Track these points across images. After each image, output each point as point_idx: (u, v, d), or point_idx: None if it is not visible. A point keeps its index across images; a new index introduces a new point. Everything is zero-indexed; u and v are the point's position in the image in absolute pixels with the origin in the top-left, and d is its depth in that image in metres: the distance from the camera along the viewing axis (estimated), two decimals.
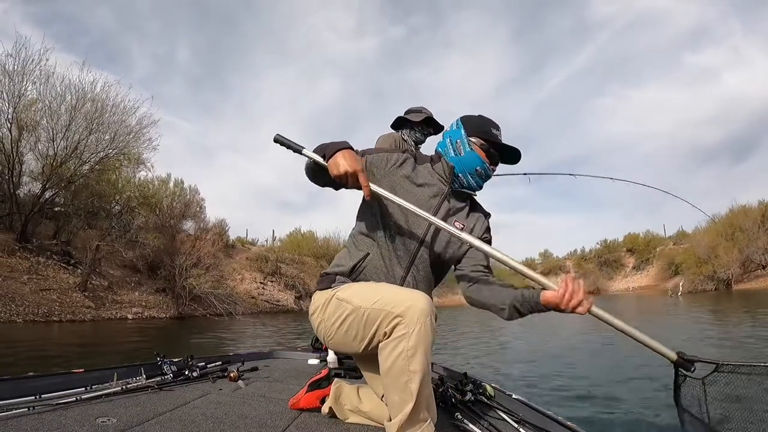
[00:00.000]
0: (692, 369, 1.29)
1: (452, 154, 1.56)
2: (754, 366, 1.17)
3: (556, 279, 1.28)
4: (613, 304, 18.66)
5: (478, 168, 1.53)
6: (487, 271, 1.54)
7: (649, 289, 32.59)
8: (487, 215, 1.67)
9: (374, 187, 1.35)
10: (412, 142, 2.85)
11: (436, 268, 1.57)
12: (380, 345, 1.26)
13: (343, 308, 1.37)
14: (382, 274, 1.48)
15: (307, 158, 1.42)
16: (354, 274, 1.50)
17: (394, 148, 1.62)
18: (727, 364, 1.21)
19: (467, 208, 1.62)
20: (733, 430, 1.15)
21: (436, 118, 2.85)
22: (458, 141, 1.55)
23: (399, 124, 2.90)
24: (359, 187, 1.32)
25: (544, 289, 1.33)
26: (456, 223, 1.54)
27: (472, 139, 1.53)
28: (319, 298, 1.49)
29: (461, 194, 1.61)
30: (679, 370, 1.32)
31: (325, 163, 1.33)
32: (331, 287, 1.47)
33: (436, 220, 1.39)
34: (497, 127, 1.56)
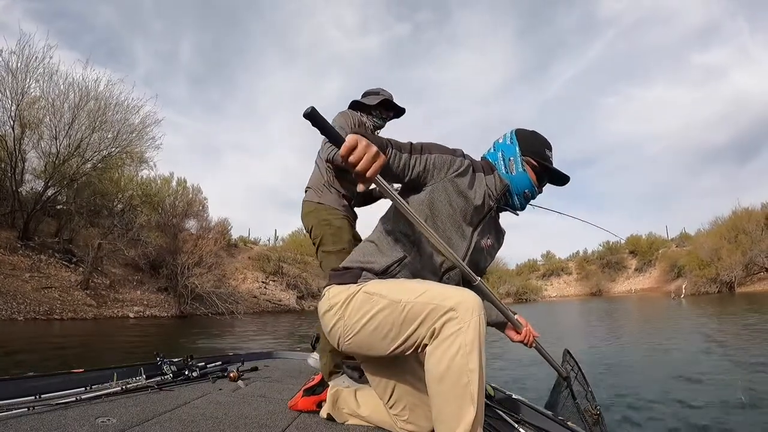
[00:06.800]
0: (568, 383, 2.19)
1: (503, 170, 1.47)
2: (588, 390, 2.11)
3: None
4: (620, 305, 18.51)
5: (526, 191, 1.47)
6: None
7: (651, 291, 32.42)
8: (503, 233, 1.62)
9: (381, 181, 1.12)
10: (371, 128, 2.50)
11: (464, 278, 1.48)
12: (428, 349, 1.14)
13: (373, 302, 1.24)
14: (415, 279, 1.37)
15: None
16: (386, 275, 1.36)
17: (452, 150, 1.48)
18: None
19: (497, 225, 1.58)
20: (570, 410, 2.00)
21: (395, 101, 2.51)
22: (511, 159, 1.46)
23: (355, 108, 2.51)
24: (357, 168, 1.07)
25: (512, 324, 1.58)
26: (488, 241, 1.51)
27: (526, 159, 1.45)
28: (338, 293, 1.33)
29: (498, 210, 1.55)
30: (564, 381, 2.22)
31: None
32: (356, 282, 1.34)
33: (457, 259, 1.33)
34: (550, 148, 1.49)
